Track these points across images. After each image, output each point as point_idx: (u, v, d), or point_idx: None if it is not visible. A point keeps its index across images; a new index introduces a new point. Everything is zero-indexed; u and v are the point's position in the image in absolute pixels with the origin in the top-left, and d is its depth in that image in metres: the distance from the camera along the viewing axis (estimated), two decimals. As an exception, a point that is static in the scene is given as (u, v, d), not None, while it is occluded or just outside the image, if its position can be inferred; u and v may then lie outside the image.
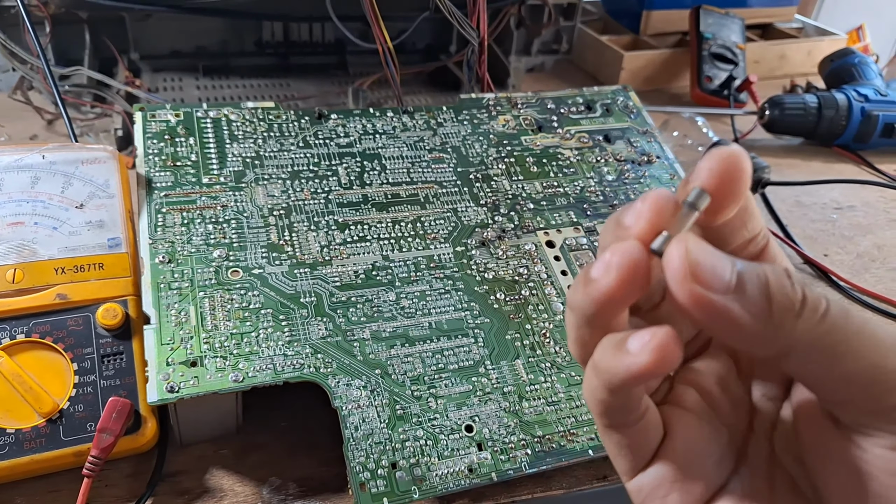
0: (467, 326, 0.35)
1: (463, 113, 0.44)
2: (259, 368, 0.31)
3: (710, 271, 0.16)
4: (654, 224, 0.17)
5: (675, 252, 0.16)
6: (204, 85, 0.62)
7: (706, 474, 0.20)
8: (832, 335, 0.16)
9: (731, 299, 0.16)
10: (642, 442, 0.20)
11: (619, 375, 0.17)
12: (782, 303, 0.16)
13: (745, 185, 0.17)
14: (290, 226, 0.36)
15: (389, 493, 0.29)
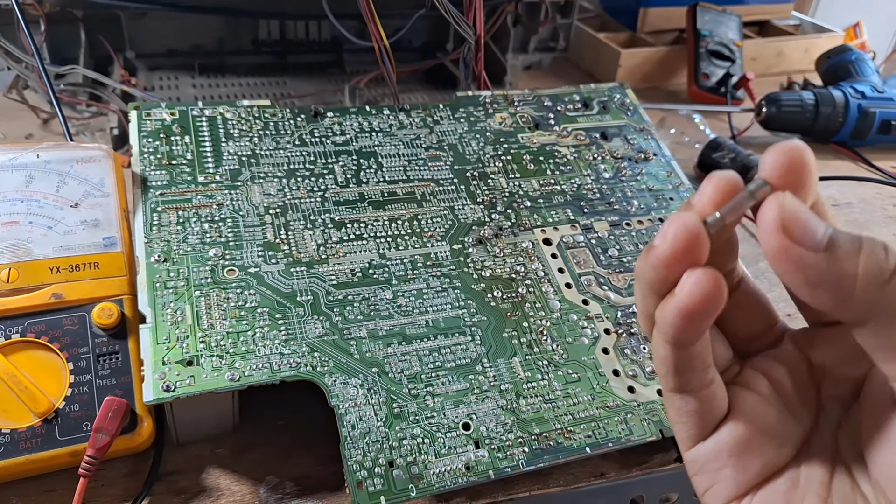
0: (464, 324, 0.35)
1: (459, 111, 0.44)
2: (255, 367, 0.31)
3: (803, 227, 0.16)
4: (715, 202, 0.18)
5: (769, 205, 0.16)
6: (200, 83, 0.62)
7: (764, 455, 0.20)
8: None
9: (820, 258, 0.16)
10: (705, 411, 0.20)
11: (670, 319, 0.18)
12: (871, 269, 0.16)
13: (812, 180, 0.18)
14: (287, 224, 0.36)
15: (386, 492, 0.29)
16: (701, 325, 0.18)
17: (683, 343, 0.19)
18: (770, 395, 0.21)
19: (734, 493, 0.20)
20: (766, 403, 0.21)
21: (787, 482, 0.20)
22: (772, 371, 0.21)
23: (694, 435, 0.21)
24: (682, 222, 0.18)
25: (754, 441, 0.20)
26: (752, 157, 0.55)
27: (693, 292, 0.17)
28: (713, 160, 0.56)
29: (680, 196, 0.43)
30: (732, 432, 0.20)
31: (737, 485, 0.20)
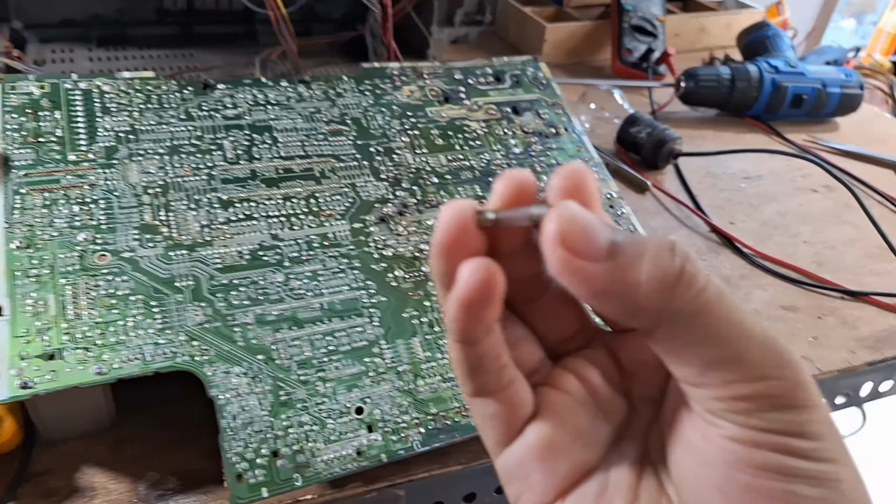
0: (362, 306, 0.33)
1: (365, 83, 0.42)
2: (126, 359, 0.29)
3: (584, 236, 0.16)
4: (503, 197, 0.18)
5: (550, 217, 0.16)
6: (98, 57, 0.58)
7: (571, 456, 0.20)
8: (702, 316, 0.16)
9: (601, 268, 0.15)
10: (508, 413, 0.19)
11: (452, 313, 0.17)
12: (655, 275, 0.15)
13: (595, 200, 0.18)
14: (167, 205, 0.34)
15: (269, 483, 0.28)
16: (481, 316, 0.18)
17: (470, 338, 0.18)
18: (579, 394, 0.20)
19: (543, 498, 0.20)
20: (574, 403, 0.20)
21: (595, 485, 0.19)
22: (583, 371, 0.21)
23: (500, 440, 0.20)
24: (452, 210, 0.17)
25: (561, 441, 0.19)
26: (667, 131, 0.55)
27: (468, 281, 0.17)
28: (631, 135, 0.56)
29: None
30: (538, 433, 0.19)
31: (545, 489, 0.19)
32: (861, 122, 0.70)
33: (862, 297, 0.46)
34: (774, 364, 0.16)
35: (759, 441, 0.16)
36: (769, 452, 0.16)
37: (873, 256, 0.51)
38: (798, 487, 0.15)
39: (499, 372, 0.19)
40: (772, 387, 0.16)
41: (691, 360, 0.16)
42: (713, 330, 0.16)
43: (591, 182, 0.18)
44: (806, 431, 0.16)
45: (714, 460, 0.17)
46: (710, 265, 0.47)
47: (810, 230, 0.53)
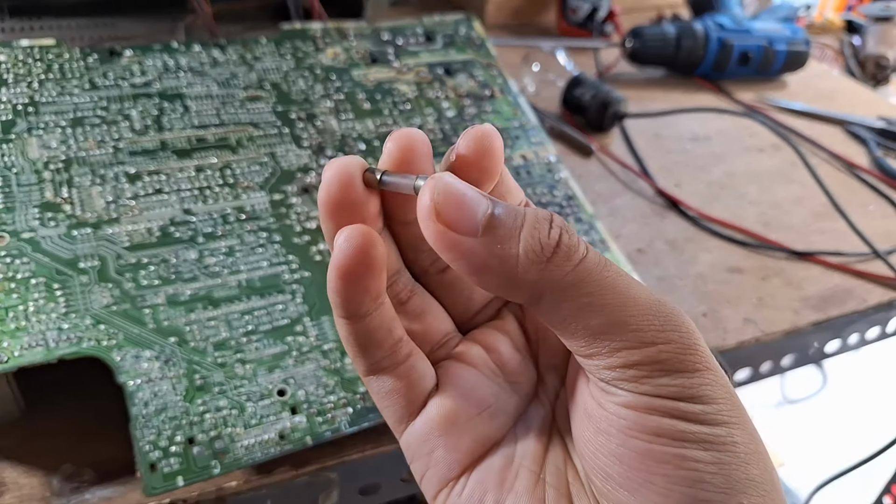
0: (284, 282, 0.32)
1: (285, 45, 0.40)
2: (28, 346, 0.27)
3: (458, 210, 0.15)
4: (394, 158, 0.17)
5: (426, 188, 0.16)
6: (10, 27, 0.54)
7: (474, 429, 0.19)
8: (582, 285, 0.15)
9: (478, 242, 0.15)
10: (406, 388, 0.19)
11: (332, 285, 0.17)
12: (532, 247, 0.15)
13: (499, 166, 0.18)
14: (70, 181, 0.32)
15: (185, 471, 0.26)
16: (363, 287, 0.17)
17: (357, 313, 0.17)
18: (485, 365, 0.20)
19: (448, 474, 0.19)
20: (477, 374, 0.20)
21: (501, 458, 0.19)
22: (491, 341, 0.20)
23: (401, 416, 0.19)
24: (337, 166, 0.17)
25: (464, 415, 0.19)
26: (612, 93, 0.53)
27: (343, 248, 0.16)
28: (576, 98, 0.54)
29: (526, 134, 0.41)
30: (439, 407, 0.19)
31: (449, 464, 0.19)
32: (810, 79, 0.70)
33: (807, 257, 0.46)
34: (661, 328, 0.16)
35: (651, 406, 0.16)
36: (661, 417, 0.16)
37: (819, 215, 0.50)
38: (691, 451, 0.15)
39: (392, 347, 0.18)
40: (660, 351, 0.16)
41: (577, 331, 0.16)
42: (596, 299, 0.15)
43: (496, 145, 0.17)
44: (697, 395, 0.16)
45: (609, 428, 0.16)
46: (656, 229, 0.47)
47: (757, 190, 0.52)
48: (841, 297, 0.43)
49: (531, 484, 0.18)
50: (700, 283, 0.43)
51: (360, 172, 0.17)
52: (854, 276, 0.45)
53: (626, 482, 0.16)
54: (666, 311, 0.16)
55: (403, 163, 0.17)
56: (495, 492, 0.18)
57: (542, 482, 0.18)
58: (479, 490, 0.19)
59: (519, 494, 0.18)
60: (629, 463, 0.16)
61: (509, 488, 0.18)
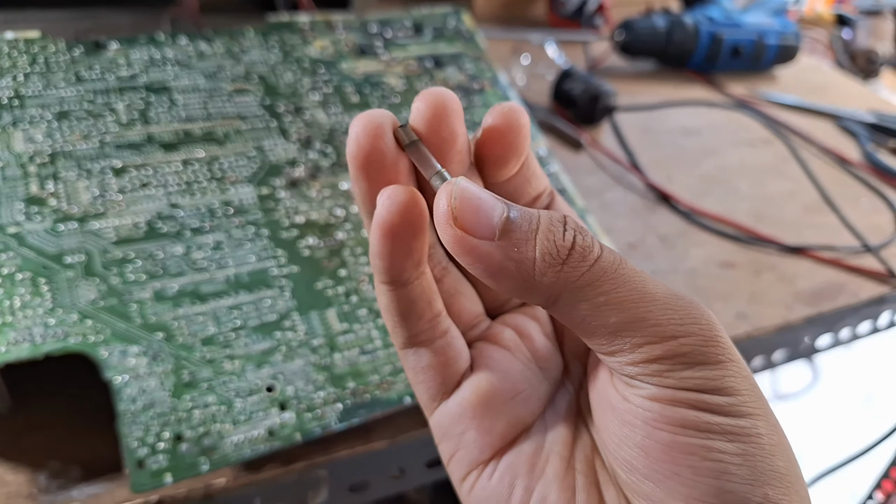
0: (272, 277, 0.31)
1: (272, 37, 0.40)
2: (14, 342, 0.27)
3: (475, 215, 0.15)
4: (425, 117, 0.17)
5: (442, 193, 0.16)
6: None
7: (508, 413, 0.19)
8: (598, 285, 0.15)
9: (494, 246, 0.15)
10: (442, 364, 0.19)
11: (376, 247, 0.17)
12: (548, 250, 0.15)
13: (526, 142, 0.18)
14: (56, 174, 0.31)
15: (173, 469, 0.26)
16: (406, 246, 0.17)
17: (398, 277, 0.17)
18: (517, 348, 0.20)
19: (479, 457, 0.19)
20: (510, 357, 0.20)
21: (531, 444, 0.19)
22: (521, 325, 0.20)
23: (435, 394, 0.19)
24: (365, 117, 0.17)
25: (498, 397, 0.19)
26: (602, 86, 0.53)
27: (387, 205, 0.16)
28: (565, 91, 0.54)
29: (517, 127, 0.41)
30: (474, 388, 0.19)
31: (480, 447, 0.19)
32: (800, 72, 0.70)
33: (799, 252, 0.46)
34: (681, 322, 0.16)
35: (675, 398, 0.16)
36: (687, 409, 0.16)
37: (811, 209, 0.50)
38: (716, 443, 0.15)
39: (432, 321, 0.18)
40: (682, 345, 0.16)
41: (596, 329, 0.16)
42: (612, 297, 0.15)
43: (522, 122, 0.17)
44: (721, 387, 0.16)
45: (634, 419, 0.16)
46: (647, 223, 0.47)
47: (748, 184, 0.52)
48: (833, 292, 0.43)
49: (561, 470, 0.18)
50: (692, 278, 0.43)
51: (391, 126, 0.17)
52: (846, 271, 0.45)
53: (652, 473, 0.16)
54: (684, 305, 0.16)
55: (433, 122, 0.17)
56: (526, 477, 0.18)
57: (572, 469, 0.18)
58: (510, 475, 0.18)
59: (549, 481, 0.18)
60: (654, 454, 0.16)
61: (539, 474, 0.18)
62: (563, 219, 0.16)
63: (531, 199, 0.20)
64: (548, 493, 0.18)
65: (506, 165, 0.18)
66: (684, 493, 0.15)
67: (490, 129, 0.17)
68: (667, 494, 0.16)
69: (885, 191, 0.53)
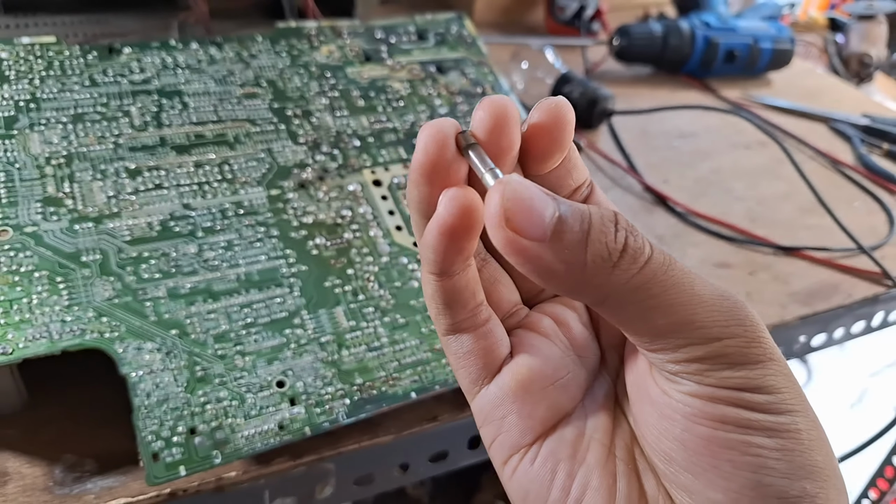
0: (282, 276, 0.32)
1: (280, 43, 0.41)
2: (32, 338, 0.27)
3: (528, 215, 0.15)
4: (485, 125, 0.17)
5: (495, 192, 0.16)
6: (5, 24, 0.54)
7: (548, 398, 0.19)
8: (648, 288, 0.16)
9: (546, 248, 0.15)
10: (484, 350, 0.19)
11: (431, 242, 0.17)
12: (599, 253, 0.15)
13: (570, 137, 0.18)
14: (72, 176, 0.32)
15: (187, 461, 0.27)
16: (461, 247, 0.17)
17: (447, 269, 0.18)
18: (555, 335, 0.20)
19: (520, 441, 0.19)
20: (549, 344, 0.20)
21: (573, 430, 0.19)
22: (558, 314, 0.20)
23: (476, 379, 0.20)
24: (433, 128, 0.17)
25: (539, 382, 0.19)
26: (600, 90, 0.54)
27: (449, 208, 0.16)
28: (564, 95, 0.55)
29: (518, 130, 0.42)
30: (515, 372, 0.19)
31: (522, 431, 0.19)
32: (794, 77, 0.71)
33: (793, 252, 0.47)
34: (726, 323, 0.16)
35: (716, 396, 0.16)
36: (726, 406, 0.16)
37: (805, 211, 0.51)
38: (756, 439, 0.16)
39: (474, 309, 0.19)
40: (725, 346, 0.16)
41: (642, 329, 0.16)
42: (660, 299, 0.16)
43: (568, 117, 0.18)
44: (762, 385, 0.16)
45: (673, 414, 0.17)
46: (644, 224, 0.48)
47: (744, 186, 0.53)
48: (827, 292, 0.44)
49: (603, 457, 0.19)
50: (687, 276, 0.44)
51: (454, 134, 0.17)
52: (840, 271, 0.46)
53: (690, 465, 0.16)
54: (729, 306, 0.16)
55: (494, 131, 0.17)
56: (568, 462, 0.19)
57: (613, 456, 0.19)
58: (552, 460, 0.19)
59: (591, 467, 0.18)
60: (693, 447, 0.16)
61: (581, 460, 0.19)
62: (614, 218, 0.16)
63: (571, 191, 0.20)
64: (590, 478, 0.18)
65: (550, 160, 0.18)
66: (723, 486, 0.16)
67: (537, 125, 0.18)
68: (705, 486, 0.16)
69: (879, 193, 0.54)
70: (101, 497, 0.28)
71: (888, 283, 0.45)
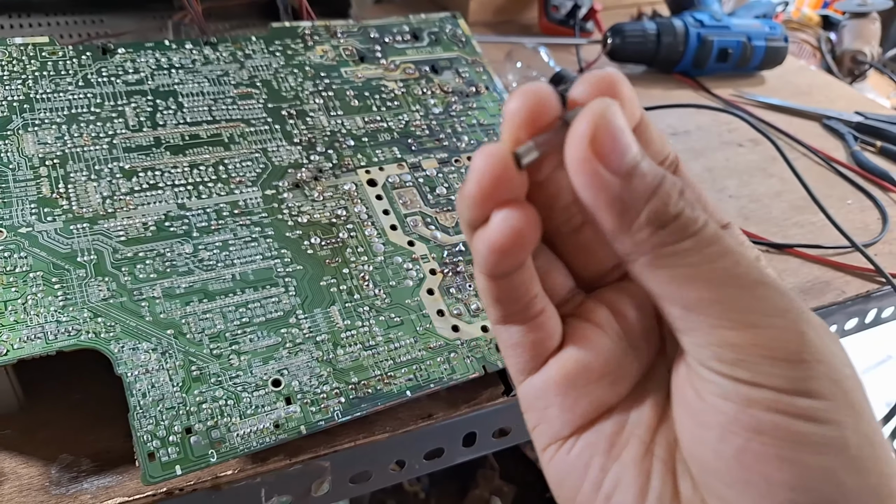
0: (277, 275, 0.32)
1: (275, 43, 0.41)
2: (27, 338, 0.28)
3: (613, 144, 0.15)
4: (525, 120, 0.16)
5: (586, 113, 0.15)
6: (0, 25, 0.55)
7: (593, 394, 0.19)
8: (685, 256, 0.15)
9: (617, 182, 0.15)
10: (534, 342, 0.19)
11: (481, 252, 0.17)
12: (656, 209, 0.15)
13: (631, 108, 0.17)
14: (66, 176, 0.32)
15: (183, 460, 0.27)
16: (512, 261, 0.17)
17: (499, 276, 0.17)
18: (610, 327, 0.19)
19: (559, 432, 0.19)
20: (602, 335, 0.19)
21: (613, 424, 0.19)
22: (617, 303, 0.19)
23: (523, 368, 0.19)
24: (487, 155, 0.16)
25: (582, 376, 0.18)
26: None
27: (501, 229, 0.16)
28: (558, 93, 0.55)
29: (512, 129, 0.42)
30: (560, 366, 0.19)
31: (562, 423, 0.19)
32: (786, 74, 0.72)
33: (786, 250, 0.47)
34: (765, 312, 0.15)
35: (751, 398, 0.15)
36: (763, 412, 0.15)
37: (798, 208, 0.52)
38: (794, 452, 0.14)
39: (527, 303, 0.18)
40: (761, 335, 0.15)
41: (674, 301, 0.16)
42: (696, 269, 0.15)
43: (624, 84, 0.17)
44: (802, 389, 0.15)
45: (709, 420, 0.16)
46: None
47: (736, 184, 0.53)
48: (820, 289, 0.44)
49: (639, 455, 0.18)
50: (681, 274, 0.44)
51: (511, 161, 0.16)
52: (833, 269, 0.46)
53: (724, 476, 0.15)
54: (771, 294, 0.15)
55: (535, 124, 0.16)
56: (602, 457, 0.18)
57: (651, 454, 0.18)
58: (588, 453, 0.18)
59: (625, 464, 0.18)
60: (727, 458, 0.15)
61: (616, 456, 0.18)
62: (682, 189, 0.15)
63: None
64: (623, 475, 0.18)
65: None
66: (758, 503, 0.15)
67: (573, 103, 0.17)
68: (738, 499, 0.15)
69: (872, 190, 0.54)
70: (97, 496, 0.28)
71: (881, 280, 0.45)
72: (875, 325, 0.49)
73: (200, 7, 0.41)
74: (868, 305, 0.46)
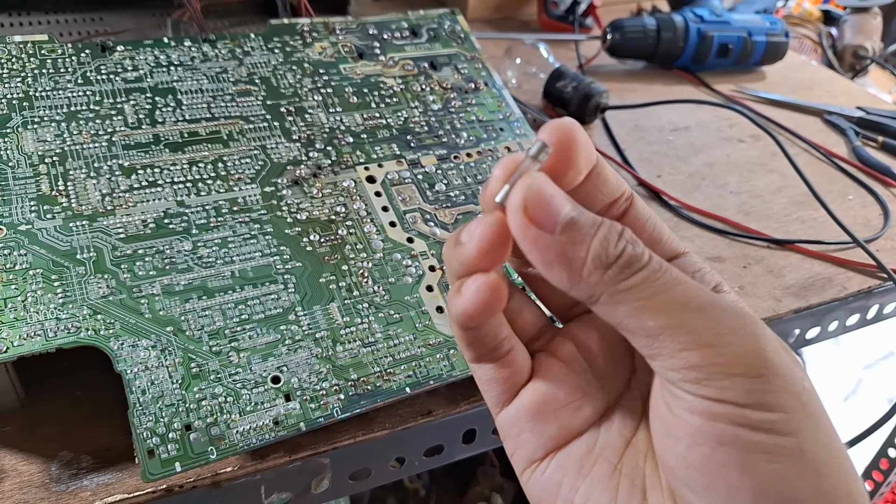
0: (276, 272, 0.32)
1: (273, 40, 0.41)
2: (27, 336, 0.28)
3: (545, 208, 0.17)
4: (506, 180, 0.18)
5: (518, 186, 0.17)
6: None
7: (559, 419, 0.21)
8: (640, 290, 0.17)
9: (554, 240, 0.17)
10: (506, 378, 0.21)
11: (454, 314, 0.19)
12: (598, 253, 0.17)
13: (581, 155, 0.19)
14: (66, 174, 0.32)
15: (182, 457, 0.27)
16: (480, 321, 0.19)
17: (470, 329, 0.20)
18: (574, 360, 0.21)
19: (533, 455, 0.21)
20: (566, 369, 0.21)
21: (582, 447, 0.21)
22: (583, 336, 0.22)
23: (497, 401, 0.22)
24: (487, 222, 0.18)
25: (550, 406, 0.21)
26: (593, 84, 0.54)
27: (472, 299, 0.18)
28: (557, 90, 0.55)
29: (511, 126, 0.42)
30: (529, 396, 0.21)
31: (535, 447, 0.21)
32: (787, 69, 0.71)
33: (787, 245, 0.47)
34: (719, 331, 0.16)
35: (714, 412, 0.16)
36: (725, 424, 0.16)
37: (798, 204, 0.51)
38: (754, 461, 0.15)
39: (497, 345, 0.21)
40: (720, 354, 0.16)
41: (637, 331, 0.17)
42: (651, 301, 0.17)
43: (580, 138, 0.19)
44: (761, 402, 0.16)
45: (678, 432, 0.17)
46: (638, 217, 0.48)
47: (737, 180, 0.53)
48: (821, 285, 0.44)
49: (607, 473, 0.20)
50: (681, 270, 0.44)
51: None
52: (834, 264, 0.46)
53: (693, 484, 0.17)
54: (725, 315, 0.17)
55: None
56: (573, 476, 0.20)
57: (618, 473, 0.20)
58: (559, 473, 0.20)
59: (594, 481, 0.20)
60: (695, 466, 0.17)
61: (586, 475, 0.20)
62: (621, 230, 0.17)
63: (605, 206, 0.20)
64: (591, 492, 0.20)
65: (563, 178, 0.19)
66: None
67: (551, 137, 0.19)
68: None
69: (873, 185, 0.54)
70: (97, 493, 0.28)
71: (883, 275, 0.45)
72: (877, 321, 0.49)
73: (199, 4, 0.41)
74: (870, 301, 0.46)
